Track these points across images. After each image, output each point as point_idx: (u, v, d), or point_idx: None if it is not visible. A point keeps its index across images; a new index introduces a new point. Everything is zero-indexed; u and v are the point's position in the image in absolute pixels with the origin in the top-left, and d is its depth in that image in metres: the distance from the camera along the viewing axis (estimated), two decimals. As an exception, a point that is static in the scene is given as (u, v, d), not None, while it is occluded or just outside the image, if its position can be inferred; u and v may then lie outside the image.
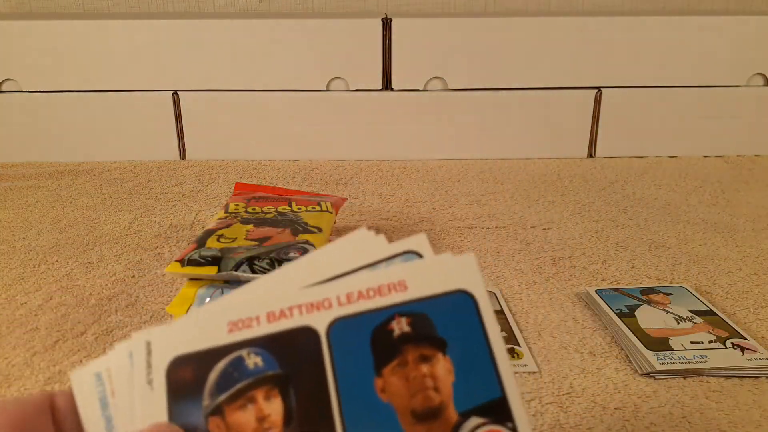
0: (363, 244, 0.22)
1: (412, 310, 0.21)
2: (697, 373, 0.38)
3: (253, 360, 0.20)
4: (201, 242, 0.44)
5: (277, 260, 0.41)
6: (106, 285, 0.49)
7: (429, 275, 0.21)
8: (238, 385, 0.20)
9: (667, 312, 0.44)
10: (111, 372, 0.20)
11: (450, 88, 0.77)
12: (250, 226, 0.47)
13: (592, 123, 0.79)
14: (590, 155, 0.80)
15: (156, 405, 0.20)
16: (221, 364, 0.20)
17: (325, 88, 0.77)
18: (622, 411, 0.36)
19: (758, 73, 0.78)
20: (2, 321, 0.44)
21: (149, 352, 0.20)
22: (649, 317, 0.44)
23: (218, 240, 0.45)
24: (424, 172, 0.75)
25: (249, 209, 0.51)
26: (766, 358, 0.39)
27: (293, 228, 0.47)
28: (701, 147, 0.80)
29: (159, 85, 0.76)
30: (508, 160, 0.79)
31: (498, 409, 0.19)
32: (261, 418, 0.19)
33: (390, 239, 0.22)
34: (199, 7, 0.85)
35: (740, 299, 0.47)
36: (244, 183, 0.62)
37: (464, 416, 0.19)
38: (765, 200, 0.67)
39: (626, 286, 0.48)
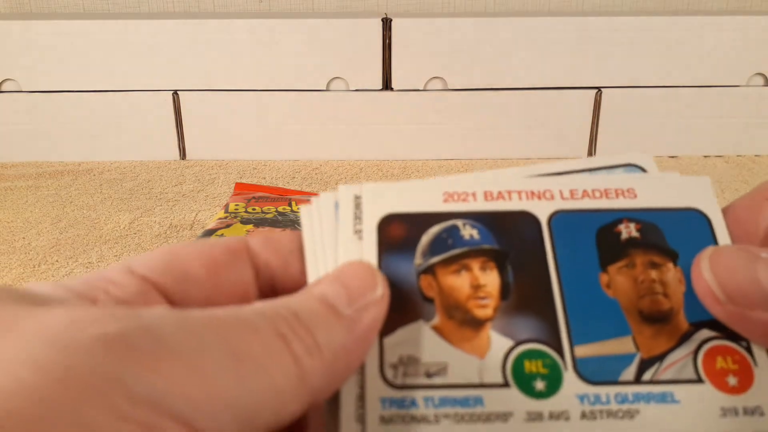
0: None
1: (641, 217, 0.20)
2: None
3: (469, 231, 0.19)
4: (201, 242, 0.44)
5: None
6: (106, 284, 0.49)
7: (661, 189, 0.20)
8: (453, 251, 0.19)
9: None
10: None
11: (450, 88, 0.77)
12: (250, 226, 0.47)
13: (593, 123, 0.79)
14: (590, 155, 0.80)
15: (361, 255, 0.19)
16: (435, 229, 0.19)
17: (324, 88, 0.77)
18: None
19: (758, 73, 0.78)
20: (3, 320, 0.44)
21: (357, 205, 0.20)
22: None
23: (218, 240, 0.45)
24: (425, 172, 0.75)
25: (249, 209, 0.52)
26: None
27: (293, 228, 0.47)
28: (701, 147, 0.80)
29: (159, 85, 0.76)
30: (508, 159, 0.79)
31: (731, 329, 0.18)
32: (476, 287, 0.19)
33: None
34: (199, 7, 0.85)
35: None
36: (244, 183, 0.62)
37: (695, 327, 0.18)
38: (764, 200, 0.67)
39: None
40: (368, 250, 0.19)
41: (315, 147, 0.79)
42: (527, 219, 0.20)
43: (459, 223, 0.19)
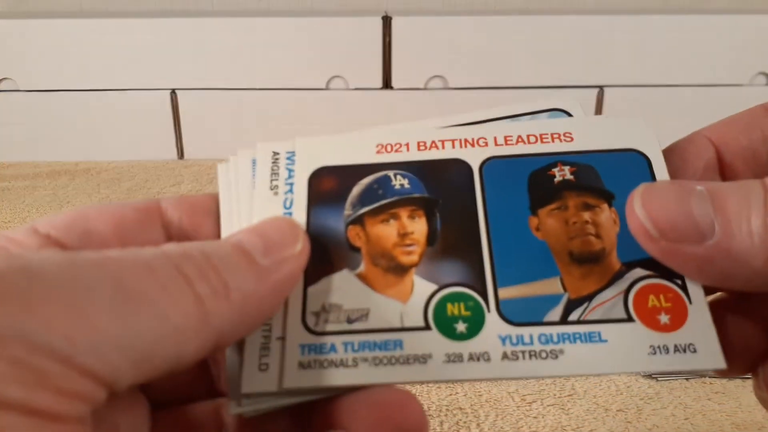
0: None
1: (577, 160, 0.20)
2: (701, 374, 0.38)
3: (400, 181, 0.20)
4: (199, 243, 0.44)
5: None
6: (104, 286, 0.49)
7: (599, 132, 0.20)
8: (383, 201, 0.19)
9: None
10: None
11: (451, 86, 0.76)
12: (248, 227, 0.47)
13: (594, 122, 0.78)
14: (591, 154, 0.80)
15: (277, 212, 0.19)
16: (366, 180, 0.20)
17: (324, 87, 0.76)
18: (624, 413, 0.36)
19: (761, 73, 0.77)
20: None
21: (275, 161, 0.20)
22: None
23: (216, 240, 0.44)
24: (425, 171, 0.75)
25: (247, 209, 0.51)
26: (770, 360, 0.39)
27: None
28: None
29: (157, 84, 0.75)
30: (508, 159, 0.79)
31: (666, 267, 0.18)
32: (403, 234, 0.19)
33: None
34: (197, 5, 0.84)
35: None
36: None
37: (628, 266, 0.18)
38: (768, 200, 0.67)
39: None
40: (298, 204, 0.19)
41: (314, 146, 0.78)
42: (459, 166, 0.20)
43: (390, 173, 0.20)
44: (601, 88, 0.77)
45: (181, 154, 0.78)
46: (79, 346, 0.13)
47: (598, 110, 0.78)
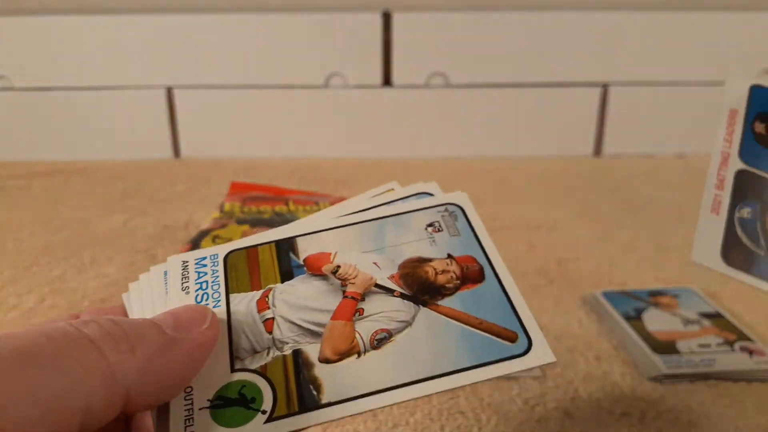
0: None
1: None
2: (705, 377, 0.37)
3: None
4: (195, 243, 0.44)
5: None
6: (99, 287, 0.48)
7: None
8: None
9: (675, 315, 0.43)
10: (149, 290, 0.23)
11: (452, 83, 0.76)
12: (246, 227, 0.46)
13: (599, 120, 0.78)
14: (596, 153, 0.79)
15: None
16: None
17: (323, 84, 0.75)
18: (628, 416, 0.35)
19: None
20: (-10, 325, 0.43)
21: (184, 268, 0.24)
22: (655, 320, 0.43)
23: (213, 241, 0.44)
24: (426, 170, 0.74)
25: (245, 209, 0.51)
26: (777, 363, 0.38)
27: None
28: (709, 145, 0.79)
29: (152, 82, 0.75)
30: (512, 157, 0.78)
31: None
32: None
33: None
34: (193, 1, 0.83)
35: (749, 302, 0.46)
36: (240, 182, 0.61)
37: None
38: (772, 198, 0.66)
39: (633, 289, 0.47)
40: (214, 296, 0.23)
41: (313, 145, 0.77)
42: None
43: None
44: (605, 85, 0.76)
45: (176, 152, 0.77)
46: None
47: (602, 109, 0.77)
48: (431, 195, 0.27)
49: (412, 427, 0.34)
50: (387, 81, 0.75)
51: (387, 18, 0.73)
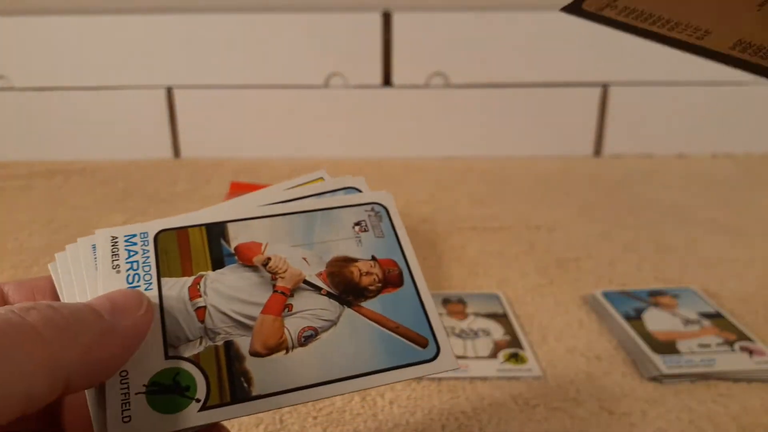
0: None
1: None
2: (705, 377, 0.37)
3: None
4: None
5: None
6: (99, 287, 0.48)
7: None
8: None
9: (675, 315, 0.43)
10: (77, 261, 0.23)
11: (452, 83, 0.76)
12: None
13: (599, 120, 0.78)
14: (596, 153, 0.79)
15: (121, 286, 0.22)
16: None
17: (323, 84, 0.75)
18: (629, 416, 0.35)
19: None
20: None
21: (114, 244, 0.24)
22: (656, 320, 0.43)
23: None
24: (426, 170, 0.74)
25: (245, 209, 0.50)
26: (778, 363, 0.38)
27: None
28: (709, 145, 0.79)
29: (152, 81, 0.75)
30: (512, 158, 0.78)
31: None
32: None
33: None
34: (193, 1, 0.83)
35: (749, 302, 0.46)
36: (240, 182, 0.61)
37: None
38: (772, 198, 0.66)
39: (633, 289, 0.47)
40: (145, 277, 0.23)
41: (313, 145, 0.77)
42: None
43: None
44: (605, 85, 0.76)
45: (176, 152, 0.77)
46: None
47: (602, 109, 0.77)
48: (359, 191, 0.28)
49: (412, 427, 0.34)
50: (387, 81, 0.75)
51: (387, 18, 0.73)
